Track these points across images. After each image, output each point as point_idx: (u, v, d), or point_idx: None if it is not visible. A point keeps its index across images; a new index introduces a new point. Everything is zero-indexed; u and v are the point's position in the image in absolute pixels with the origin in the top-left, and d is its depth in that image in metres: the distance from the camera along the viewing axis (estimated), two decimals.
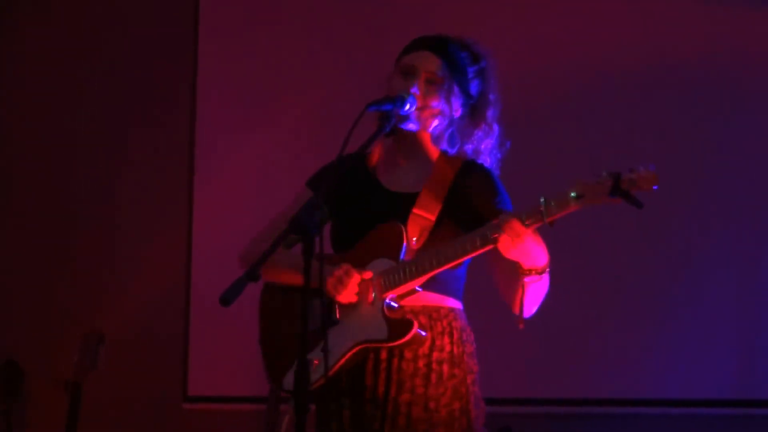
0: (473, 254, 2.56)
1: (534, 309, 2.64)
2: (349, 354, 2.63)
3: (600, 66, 4.48)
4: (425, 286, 2.66)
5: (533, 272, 2.53)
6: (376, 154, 2.83)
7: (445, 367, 2.65)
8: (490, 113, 2.80)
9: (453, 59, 2.75)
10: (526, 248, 2.47)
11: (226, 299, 2.22)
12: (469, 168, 2.76)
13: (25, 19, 5.10)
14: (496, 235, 2.48)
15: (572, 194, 2.39)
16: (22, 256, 4.97)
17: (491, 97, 2.81)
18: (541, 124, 4.42)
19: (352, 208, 2.77)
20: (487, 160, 2.80)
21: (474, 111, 2.79)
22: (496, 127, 2.81)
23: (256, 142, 4.75)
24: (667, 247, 4.35)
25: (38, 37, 5.08)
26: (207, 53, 4.87)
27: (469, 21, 4.51)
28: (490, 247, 2.51)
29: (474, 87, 2.78)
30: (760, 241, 4.31)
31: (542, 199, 2.43)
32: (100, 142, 4.96)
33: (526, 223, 2.44)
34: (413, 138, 2.76)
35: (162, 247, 4.86)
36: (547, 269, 2.55)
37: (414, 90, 2.69)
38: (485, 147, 2.80)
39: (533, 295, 2.59)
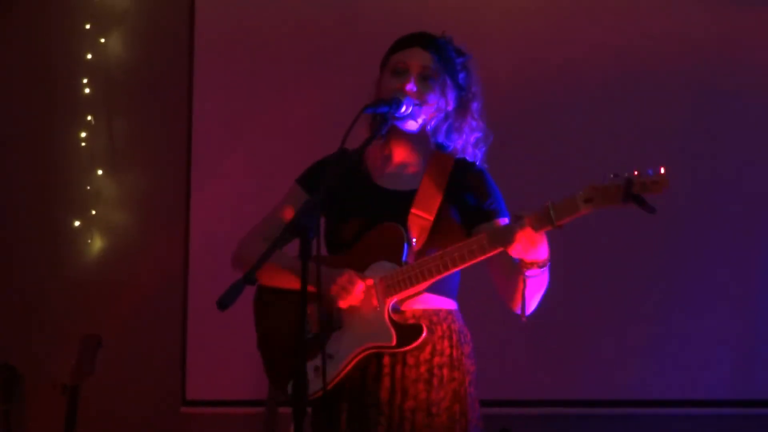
0: (482, 257, 2.52)
1: (535, 305, 2.62)
2: (356, 359, 2.61)
3: (599, 68, 4.48)
4: (426, 288, 2.63)
5: (535, 266, 2.50)
6: (369, 154, 2.81)
7: (446, 371, 2.65)
8: (474, 106, 2.79)
9: (442, 52, 2.74)
10: (535, 249, 2.46)
11: (224, 303, 2.20)
12: (462, 167, 2.76)
13: (19, 15, 5.10)
14: (510, 244, 2.44)
15: (581, 198, 2.36)
16: (20, 258, 4.97)
17: (475, 89, 2.80)
18: (541, 125, 4.42)
19: (348, 207, 2.74)
20: (475, 154, 2.79)
21: (463, 104, 2.78)
22: (480, 120, 2.80)
23: (253, 144, 4.74)
24: (665, 249, 4.35)
25: (27, 33, 5.09)
26: (203, 50, 4.86)
27: (470, 22, 4.51)
28: (500, 250, 2.48)
29: (462, 79, 2.78)
30: (757, 243, 4.31)
31: (549, 204, 2.40)
32: (95, 143, 4.96)
33: (536, 227, 2.41)
34: (407, 137, 2.75)
35: (159, 251, 4.85)
36: (548, 263, 2.52)
37: (410, 87, 2.68)
38: (473, 140, 2.79)
39: (534, 290, 2.57)
